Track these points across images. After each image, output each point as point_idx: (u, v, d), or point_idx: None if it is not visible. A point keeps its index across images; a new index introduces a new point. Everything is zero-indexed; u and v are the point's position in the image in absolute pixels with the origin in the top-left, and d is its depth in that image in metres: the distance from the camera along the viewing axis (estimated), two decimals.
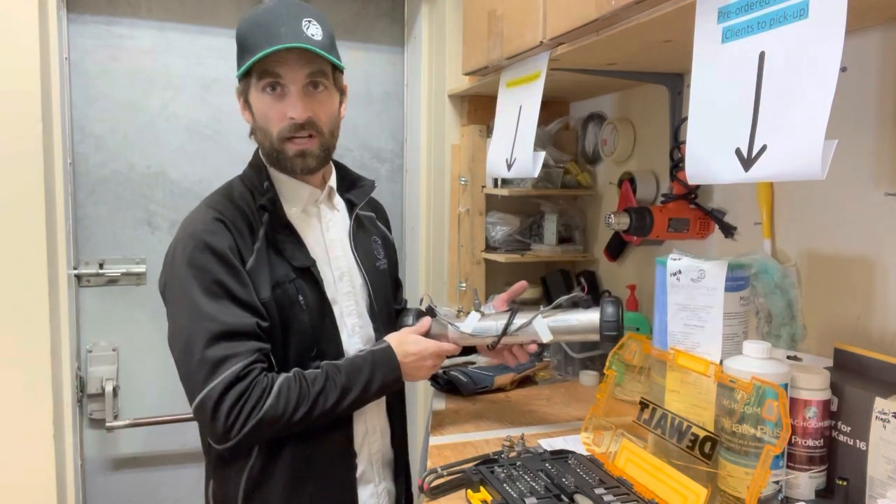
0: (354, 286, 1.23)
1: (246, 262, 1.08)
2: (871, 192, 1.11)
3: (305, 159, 1.12)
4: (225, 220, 1.08)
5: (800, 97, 0.76)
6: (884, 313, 1.10)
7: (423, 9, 2.19)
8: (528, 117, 1.43)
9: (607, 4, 1.11)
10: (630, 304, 1.70)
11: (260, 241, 1.11)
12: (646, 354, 1.14)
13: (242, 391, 1.00)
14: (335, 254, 1.21)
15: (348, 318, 1.21)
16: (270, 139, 1.11)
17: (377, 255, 1.31)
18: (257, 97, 1.10)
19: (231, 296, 1.04)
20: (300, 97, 1.08)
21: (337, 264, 1.21)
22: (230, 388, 1.00)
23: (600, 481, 1.03)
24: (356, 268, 1.24)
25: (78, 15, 1.95)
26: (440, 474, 1.10)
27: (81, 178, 1.99)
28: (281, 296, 1.10)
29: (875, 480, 0.90)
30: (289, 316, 1.11)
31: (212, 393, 0.99)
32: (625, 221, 1.48)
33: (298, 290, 1.11)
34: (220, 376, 1.00)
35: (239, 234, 1.08)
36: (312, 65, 1.07)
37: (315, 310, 1.14)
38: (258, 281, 1.08)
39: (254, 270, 1.08)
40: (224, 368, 1.00)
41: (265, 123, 1.10)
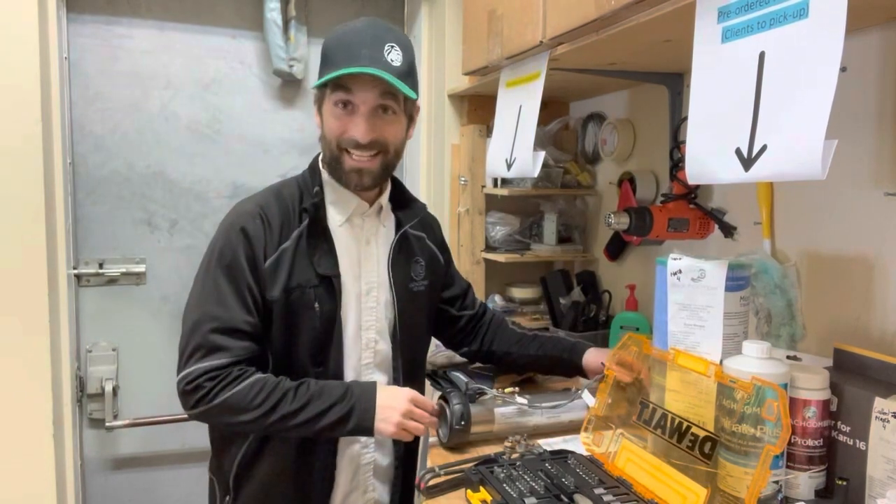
0: (380, 302, 1.24)
1: (268, 258, 1.12)
2: (871, 192, 1.11)
3: (362, 177, 1.16)
4: (264, 218, 1.14)
5: (800, 97, 0.76)
6: (884, 313, 1.10)
7: (423, 9, 2.19)
8: (528, 117, 1.42)
9: (607, 4, 1.10)
10: (630, 304, 1.70)
11: (290, 242, 1.14)
12: (646, 354, 1.14)
13: (217, 375, 1.07)
14: (368, 267, 1.23)
15: (366, 333, 1.22)
16: (331, 148, 1.16)
17: (415, 276, 1.31)
18: (328, 109, 1.15)
19: (246, 293, 1.11)
20: (366, 118, 1.12)
21: (367, 278, 1.23)
22: (210, 371, 1.07)
23: (600, 481, 1.03)
24: (387, 285, 1.25)
25: (78, 14, 1.95)
26: (437, 473, 1.10)
27: (81, 178, 1.99)
28: (298, 298, 1.13)
29: (874, 480, 0.90)
30: (301, 319, 1.14)
31: (195, 371, 1.08)
32: (625, 221, 1.48)
33: (317, 297, 1.14)
34: (208, 361, 1.08)
35: (270, 233, 1.13)
36: (384, 87, 1.11)
37: (329, 319, 1.16)
38: (272, 280, 1.12)
39: (271, 268, 1.12)
40: (215, 357, 1.08)
41: (329, 133, 1.16)
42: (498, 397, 1.35)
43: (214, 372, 1.07)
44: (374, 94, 1.11)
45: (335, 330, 1.17)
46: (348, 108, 1.13)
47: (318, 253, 1.16)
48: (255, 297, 1.12)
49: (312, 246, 1.16)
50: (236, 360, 1.09)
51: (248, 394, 1.07)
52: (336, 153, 1.15)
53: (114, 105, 2.01)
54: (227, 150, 2.12)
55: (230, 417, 1.08)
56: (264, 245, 1.13)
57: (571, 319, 1.75)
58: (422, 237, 1.37)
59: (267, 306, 1.13)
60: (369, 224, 1.25)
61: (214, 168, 2.11)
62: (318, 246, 1.17)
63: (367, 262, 1.23)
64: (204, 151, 2.11)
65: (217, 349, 1.08)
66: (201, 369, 1.07)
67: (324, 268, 1.16)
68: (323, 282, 1.16)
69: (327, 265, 1.16)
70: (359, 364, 1.24)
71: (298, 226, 1.16)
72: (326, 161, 1.19)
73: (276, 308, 1.13)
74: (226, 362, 1.08)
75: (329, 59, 1.13)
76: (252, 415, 1.07)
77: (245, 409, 1.07)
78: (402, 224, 1.29)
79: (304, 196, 1.18)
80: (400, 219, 1.29)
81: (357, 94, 1.11)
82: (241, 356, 1.10)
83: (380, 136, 1.14)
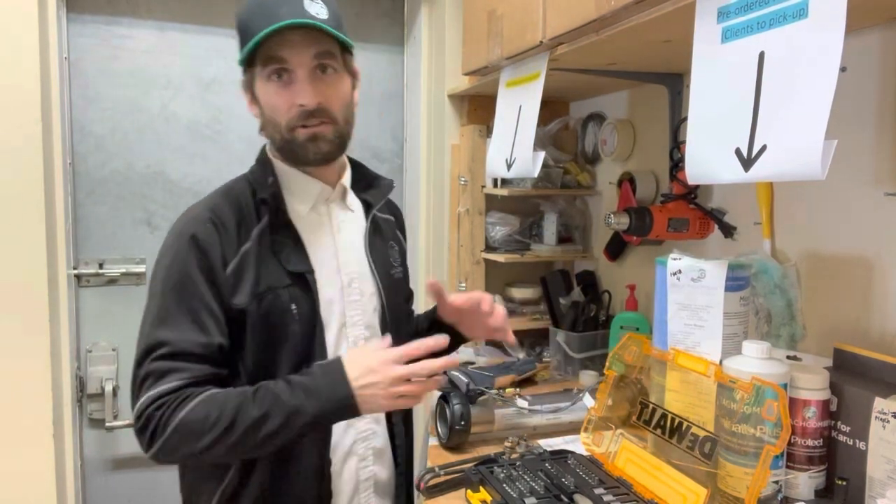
0: (364, 294, 1.13)
1: (227, 265, 1.00)
2: (871, 192, 1.11)
3: (318, 143, 1.03)
4: (216, 222, 1.01)
5: (800, 97, 0.76)
6: (883, 313, 1.10)
7: (423, 9, 2.19)
8: (528, 117, 1.42)
9: (607, 4, 1.10)
10: (630, 304, 1.70)
11: (251, 242, 1.03)
12: (646, 354, 1.14)
13: (166, 401, 0.93)
14: (346, 258, 1.12)
15: (352, 330, 1.10)
16: (280, 130, 1.03)
17: (393, 261, 1.22)
18: (263, 87, 1.02)
19: (202, 311, 0.97)
20: (308, 81, 1.00)
21: (347, 269, 1.11)
22: (160, 398, 0.93)
23: (600, 481, 1.03)
24: (369, 274, 1.15)
25: (78, 14, 1.95)
26: (437, 473, 1.10)
27: (81, 178, 1.99)
28: (271, 302, 1.01)
29: (874, 480, 0.90)
30: (279, 325, 1.01)
31: (144, 401, 0.94)
32: (624, 221, 1.49)
33: (292, 298, 1.02)
34: (157, 388, 0.94)
35: (226, 236, 1.01)
36: (319, 45, 1.00)
37: (309, 320, 1.04)
38: (238, 286, 1.00)
39: (235, 274, 1.00)
40: (164, 381, 0.94)
41: (273, 114, 1.02)
42: (498, 398, 1.35)
43: (164, 398, 0.93)
44: (308, 54, 0.99)
45: (317, 332, 1.05)
46: (284, 79, 1.00)
47: (285, 249, 1.04)
48: (214, 312, 0.98)
49: (278, 243, 1.04)
50: (189, 382, 0.95)
51: (201, 412, 0.92)
52: (287, 135, 1.02)
53: (114, 105, 2.00)
54: (227, 150, 2.12)
55: (190, 445, 0.92)
56: (221, 251, 1.00)
57: (571, 319, 1.75)
58: (391, 221, 1.28)
59: (237, 319, 0.99)
60: (336, 210, 1.13)
61: (214, 168, 2.11)
62: (284, 242, 1.05)
63: (344, 252, 1.12)
64: (204, 151, 2.11)
65: (167, 373, 0.94)
66: (150, 398, 0.93)
67: (294, 264, 1.04)
68: (296, 280, 1.03)
69: (297, 261, 1.05)
70: None
71: (258, 223, 1.04)
72: (278, 147, 1.06)
73: (250, 317, 0.99)
74: (176, 385, 0.94)
75: (247, 31, 0.99)
76: (211, 436, 0.91)
77: (202, 430, 0.91)
78: (370, 206, 1.18)
79: (258, 190, 1.06)
80: (368, 201, 1.18)
81: (291, 59, 0.99)
82: (194, 379, 0.95)
83: (324, 101, 1.01)
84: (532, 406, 1.34)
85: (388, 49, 2.33)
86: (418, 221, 2.27)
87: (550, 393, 1.45)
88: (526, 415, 1.33)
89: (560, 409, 1.36)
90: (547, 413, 1.35)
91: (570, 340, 1.73)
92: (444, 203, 2.12)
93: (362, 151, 2.32)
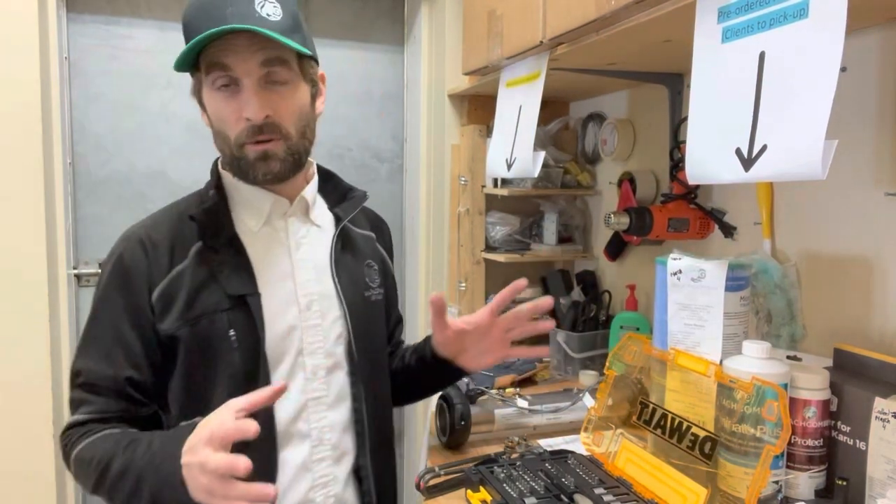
0: (325, 318, 1.00)
1: (154, 288, 0.92)
2: (871, 192, 1.11)
3: (268, 163, 0.92)
4: (145, 242, 0.94)
5: (800, 97, 0.76)
6: (884, 313, 1.10)
7: (423, 9, 2.19)
8: (528, 117, 1.42)
9: (607, 4, 1.10)
10: (630, 304, 1.70)
11: (187, 262, 0.93)
12: (646, 354, 1.14)
13: (73, 433, 0.90)
14: (305, 277, 1.00)
15: (310, 359, 0.98)
16: (229, 145, 0.93)
17: (370, 282, 1.09)
18: (210, 96, 0.92)
19: (113, 343, 0.91)
20: (255, 92, 0.89)
21: (306, 289, 0.99)
22: (70, 427, 0.91)
23: (600, 481, 1.03)
24: (334, 296, 1.02)
25: (78, 14, 1.95)
26: (437, 473, 1.10)
27: (81, 178, 1.99)
28: (207, 328, 0.91)
29: (875, 480, 0.90)
30: (215, 354, 0.91)
31: (65, 426, 0.92)
32: (625, 221, 1.49)
33: (232, 324, 0.91)
34: (73, 417, 0.92)
35: (155, 258, 0.93)
36: (267, 51, 0.88)
37: (251, 349, 0.92)
38: (167, 310, 0.91)
39: (162, 298, 0.92)
40: (78, 412, 0.92)
41: (222, 127, 0.92)
42: (498, 398, 1.35)
43: (71, 430, 0.90)
44: (254, 61, 0.88)
45: (261, 364, 0.92)
46: (231, 88, 0.90)
47: (225, 269, 0.93)
48: (127, 342, 0.90)
49: (218, 262, 0.93)
50: (93, 417, 0.90)
51: (88, 453, 0.86)
52: (236, 151, 0.92)
53: (114, 105, 2.00)
54: None
55: (84, 484, 0.88)
56: (147, 274, 0.92)
57: (571, 319, 1.75)
58: (371, 238, 1.15)
59: (166, 346, 0.91)
60: (296, 226, 1.02)
61: None
62: (226, 261, 0.94)
63: (303, 271, 1.00)
64: (204, 151, 2.10)
65: (79, 404, 0.91)
66: (66, 425, 0.91)
67: (235, 286, 0.93)
68: (237, 304, 0.92)
69: (239, 282, 0.93)
70: (303, 401, 0.97)
71: (196, 241, 0.95)
72: (228, 161, 0.96)
73: (182, 345, 0.91)
74: (81, 419, 0.90)
75: (188, 33, 0.89)
76: (92, 480, 0.85)
77: (87, 473, 0.86)
78: (341, 220, 1.06)
79: (196, 206, 0.98)
80: (339, 216, 1.07)
81: (235, 66, 0.88)
82: (99, 414, 0.90)
83: (274, 114, 0.90)
84: (532, 406, 1.34)
85: (388, 49, 2.33)
86: (418, 221, 2.27)
87: (550, 393, 1.45)
88: (526, 415, 1.33)
89: (560, 409, 1.36)
90: (547, 413, 1.35)
91: (570, 340, 1.73)
92: (444, 203, 2.12)
93: (362, 151, 2.32)
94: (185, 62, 0.90)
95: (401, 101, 2.35)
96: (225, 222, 0.97)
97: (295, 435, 0.96)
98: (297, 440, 0.97)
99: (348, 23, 2.26)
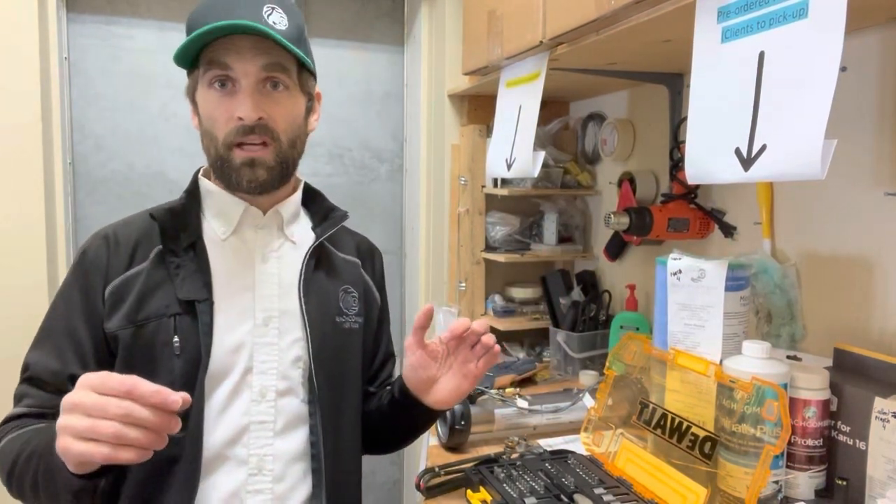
0: (283, 338, 0.95)
1: (108, 284, 0.90)
2: (871, 192, 1.11)
3: (254, 170, 0.90)
4: (110, 239, 0.93)
5: (799, 97, 0.76)
6: (884, 313, 1.10)
7: (423, 9, 2.19)
8: (528, 117, 1.43)
9: (607, 4, 1.11)
10: (630, 304, 1.70)
11: (146, 264, 0.92)
12: (646, 354, 1.14)
13: (5, 428, 0.87)
14: (266, 291, 0.95)
15: (259, 378, 0.92)
16: (216, 146, 0.91)
17: (345, 308, 1.03)
18: (204, 94, 0.91)
19: (63, 337, 0.90)
20: (251, 94, 0.88)
21: (265, 304, 0.95)
22: (4, 423, 0.89)
23: (600, 481, 1.03)
24: (298, 315, 0.97)
25: (78, 14, 1.95)
26: (437, 473, 1.10)
27: (81, 178, 1.99)
28: (152, 332, 0.88)
29: (875, 480, 0.90)
30: (155, 359, 0.88)
31: (2, 421, 0.90)
32: (624, 221, 1.49)
33: (178, 329, 0.88)
34: (13, 410, 0.90)
35: (116, 255, 0.92)
36: (270, 56, 0.88)
37: (193, 360, 0.88)
38: (115, 309, 0.89)
39: (113, 296, 0.90)
40: (17, 406, 0.90)
41: (211, 126, 0.91)
42: (498, 398, 1.35)
43: (8, 423, 0.88)
44: (255, 64, 0.87)
45: (199, 371, 0.88)
46: (227, 88, 0.89)
47: (181, 273, 0.91)
48: (77, 338, 0.89)
49: (175, 265, 0.91)
50: (30, 412, 0.88)
51: (9, 447, 0.84)
52: (223, 152, 0.91)
53: (114, 105, 2.01)
54: None
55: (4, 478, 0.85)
56: (105, 270, 0.90)
57: (571, 319, 1.75)
58: (355, 264, 1.10)
59: (110, 346, 0.90)
60: (265, 238, 0.98)
61: None
62: (185, 266, 0.92)
63: (265, 285, 0.96)
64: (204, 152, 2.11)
65: (20, 398, 0.90)
66: (5, 418, 0.90)
67: (186, 291, 0.90)
68: (187, 309, 0.90)
69: (192, 287, 0.90)
70: (245, 423, 0.91)
71: (159, 243, 0.93)
72: (212, 162, 0.94)
73: (121, 347, 0.88)
74: (18, 412, 0.88)
75: (192, 28, 0.88)
76: (6, 473, 0.83)
77: (4, 466, 0.83)
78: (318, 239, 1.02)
79: (162, 208, 0.97)
80: (318, 234, 1.03)
81: (236, 66, 0.87)
82: (37, 408, 0.88)
83: (268, 118, 0.89)
84: (532, 406, 1.34)
85: (388, 49, 2.33)
86: (418, 221, 2.27)
87: (550, 393, 1.45)
88: (526, 415, 1.33)
89: (560, 409, 1.36)
90: (547, 413, 1.35)
91: (570, 340, 1.73)
92: (444, 203, 2.12)
93: (362, 152, 2.32)
94: (185, 55, 0.89)
95: (401, 101, 2.35)
96: (190, 226, 0.94)
97: (231, 459, 0.91)
98: (233, 465, 0.91)
99: (348, 23, 2.26)
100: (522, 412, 1.33)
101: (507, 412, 1.32)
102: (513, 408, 1.33)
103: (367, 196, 2.34)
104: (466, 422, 1.24)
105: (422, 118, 2.24)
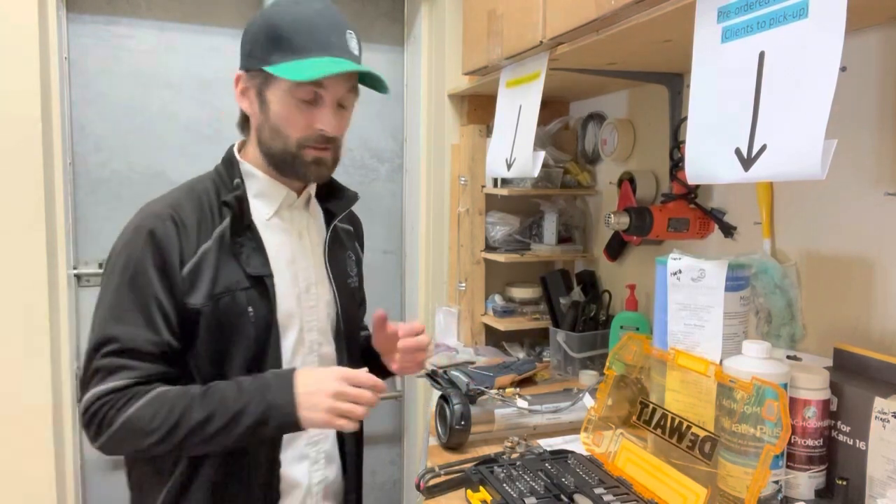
0: (320, 301, 1.14)
1: (185, 264, 1.00)
2: (871, 192, 1.11)
3: (320, 168, 1.07)
4: (176, 219, 1.01)
5: (800, 97, 0.76)
6: (884, 313, 1.10)
7: (423, 8, 2.19)
8: (527, 117, 1.42)
9: (607, 4, 1.11)
10: (630, 304, 1.70)
11: (212, 242, 1.02)
12: (646, 354, 1.14)
13: (114, 398, 0.95)
14: (305, 263, 1.13)
15: (308, 335, 1.12)
16: (286, 143, 1.04)
17: (350, 271, 1.23)
18: (283, 98, 1.03)
19: (154, 308, 0.98)
20: (334, 112, 1.05)
21: (305, 274, 1.12)
22: (108, 394, 0.95)
23: (600, 481, 1.03)
24: (327, 281, 1.16)
25: (78, 14, 1.95)
26: (437, 473, 1.10)
27: (81, 178, 1.99)
28: (228, 304, 1.01)
29: (875, 480, 0.90)
30: (234, 327, 1.02)
31: (93, 395, 0.95)
32: (624, 221, 1.48)
33: (249, 301, 1.02)
34: (106, 384, 0.95)
35: (185, 235, 1.01)
36: (352, 81, 1.06)
37: (264, 325, 1.04)
38: (195, 286, 1.00)
39: (192, 274, 1.00)
40: (114, 378, 0.96)
41: (284, 126, 1.04)
42: (498, 398, 1.35)
43: (112, 395, 0.95)
44: (343, 88, 1.05)
45: (272, 336, 1.05)
46: (311, 101, 1.04)
47: (245, 251, 1.04)
48: (167, 311, 0.98)
49: (238, 244, 1.04)
50: (138, 380, 0.96)
51: (148, 411, 0.94)
52: (294, 150, 1.04)
53: (114, 105, 2.01)
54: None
55: (135, 442, 0.95)
56: (179, 249, 1.00)
57: (571, 319, 1.75)
58: (350, 231, 1.29)
59: (190, 318, 0.99)
60: (299, 217, 1.14)
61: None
62: (245, 244, 1.05)
63: (303, 258, 1.13)
64: (204, 151, 2.10)
65: (117, 370, 0.96)
66: (98, 392, 0.95)
67: (254, 267, 1.04)
68: (255, 283, 1.04)
69: (257, 264, 1.04)
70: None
71: (219, 223, 1.04)
72: (271, 153, 1.06)
73: (204, 318, 1.00)
74: (125, 383, 0.95)
75: (289, 44, 1.01)
76: (157, 435, 0.93)
77: (148, 429, 0.93)
78: (332, 215, 1.19)
79: (221, 191, 1.06)
80: (330, 210, 1.20)
81: (329, 87, 1.03)
82: (144, 377, 0.97)
83: (339, 131, 1.08)
84: (532, 406, 1.34)
85: (388, 49, 2.33)
86: (418, 221, 2.28)
87: (550, 393, 1.45)
88: (526, 415, 1.33)
89: (560, 409, 1.36)
90: (547, 413, 1.35)
91: (570, 340, 1.73)
92: (444, 203, 2.12)
93: (362, 151, 2.32)
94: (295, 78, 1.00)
95: (401, 101, 2.35)
96: (246, 210, 1.06)
97: None
98: None
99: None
100: (522, 412, 1.33)
101: (507, 412, 1.32)
102: (513, 408, 1.33)
103: (367, 196, 2.33)
104: (466, 422, 1.24)
105: (422, 118, 2.24)
